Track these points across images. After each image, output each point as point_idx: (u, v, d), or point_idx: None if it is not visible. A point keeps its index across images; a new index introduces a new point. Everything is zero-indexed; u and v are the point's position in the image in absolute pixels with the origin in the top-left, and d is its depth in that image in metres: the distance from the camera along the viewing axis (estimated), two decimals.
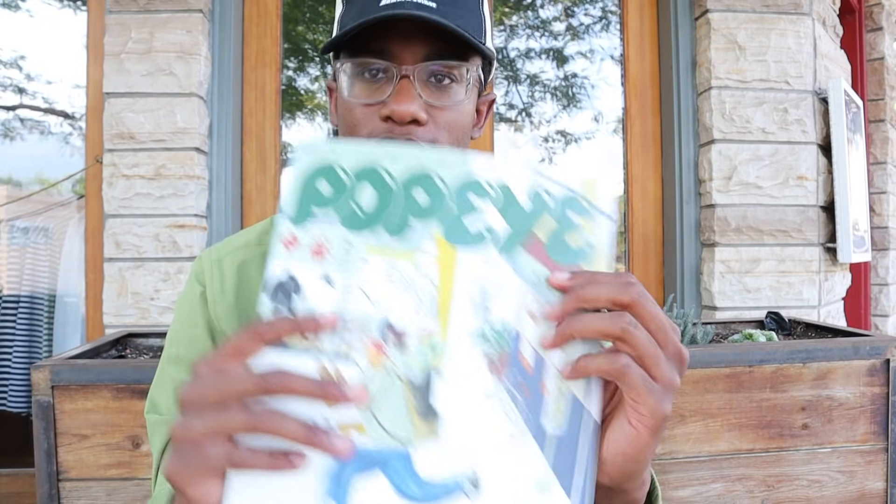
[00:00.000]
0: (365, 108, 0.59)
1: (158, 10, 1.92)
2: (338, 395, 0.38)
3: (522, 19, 2.53)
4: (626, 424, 0.42)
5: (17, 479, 2.05)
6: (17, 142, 2.39)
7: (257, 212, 2.14)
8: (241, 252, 0.69)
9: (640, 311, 0.41)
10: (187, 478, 0.39)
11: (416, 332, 0.41)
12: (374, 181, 0.43)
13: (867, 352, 1.42)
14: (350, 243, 0.42)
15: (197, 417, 0.39)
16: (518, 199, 0.43)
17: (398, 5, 0.55)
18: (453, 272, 0.42)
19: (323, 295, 0.41)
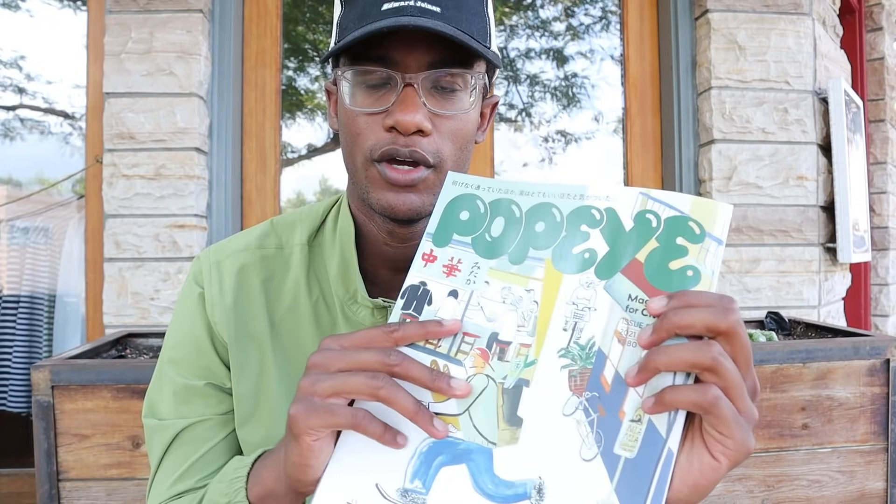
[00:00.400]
0: (368, 118, 0.57)
1: (158, 10, 1.92)
2: (446, 388, 0.44)
3: (522, 19, 2.53)
4: (707, 456, 0.40)
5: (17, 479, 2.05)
6: (17, 142, 2.39)
7: (257, 212, 2.14)
8: (240, 255, 0.69)
9: (734, 340, 0.40)
10: (311, 425, 0.44)
11: (515, 346, 0.45)
12: (504, 213, 0.49)
13: (867, 352, 1.42)
14: (478, 266, 0.48)
15: (327, 377, 0.45)
16: (622, 222, 0.45)
17: (401, 10, 0.54)
18: (556, 295, 0.45)
19: (448, 306, 0.48)
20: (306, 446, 0.45)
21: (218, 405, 0.67)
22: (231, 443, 0.69)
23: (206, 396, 0.67)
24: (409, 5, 0.54)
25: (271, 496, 0.53)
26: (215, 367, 0.67)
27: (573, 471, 0.41)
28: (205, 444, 0.67)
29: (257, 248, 0.69)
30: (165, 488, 0.66)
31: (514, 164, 2.56)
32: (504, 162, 2.51)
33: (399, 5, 0.54)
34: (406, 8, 0.54)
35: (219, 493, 0.57)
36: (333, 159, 2.50)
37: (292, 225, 0.71)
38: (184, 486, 0.65)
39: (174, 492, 0.65)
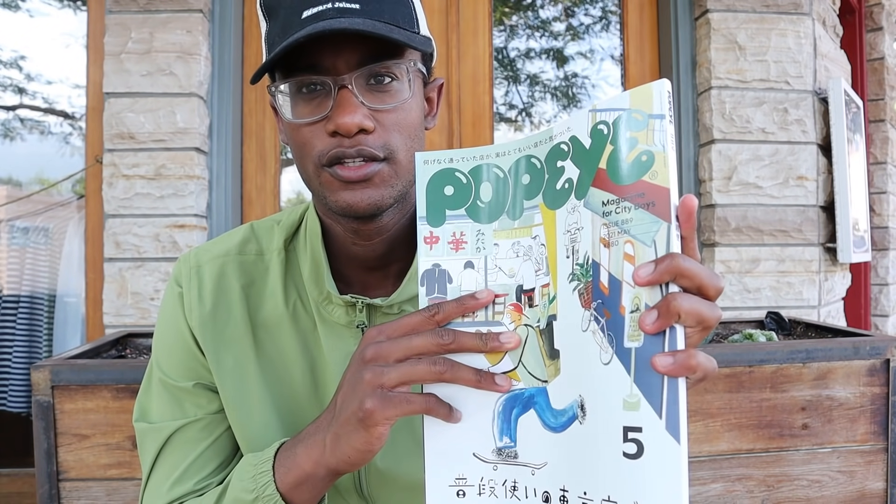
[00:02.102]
0: (310, 127, 0.57)
1: (158, 10, 1.92)
2: (499, 344, 0.47)
3: (522, 19, 2.53)
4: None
5: (17, 479, 2.05)
6: (17, 142, 2.39)
7: (257, 212, 2.14)
8: (220, 261, 0.69)
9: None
10: (388, 415, 0.47)
11: (539, 290, 0.49)
12: (489, 177, 0.52)
13: (867, 352, 1.42)
14: (482, 233, 0.51)
15: (391, 368, 0.47)
16: (583, 143, 0.47)
17: (320, 15, 0.53)
18: (554, 231, 0.49)
19: (469, 277, 0.51)
20: (377, 435, 0.48)
21: (209, 405, 0.68)
22: (226, 441, 0.69)
23: (196, 396, 0.68)
24: (328, 8, 0.54)
25: (308, 481, 0.55)
26: (201, 367, 0.68)
27: (599, 378, 0.43)
28: (200, 445, 0.67)
29: (238, 254, 0.69)
30: (164, 491, 0.66)
31: None
32: None
33: (318, 10, 0.54)
34: (325, 12, 0.54)
35: (243, 490, 0.57)
36: None
37: (271, 230, 0.71)
38: (183, 489, 0.65)
39: (173, 496, 0.65)
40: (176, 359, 0.68)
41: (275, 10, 0.57)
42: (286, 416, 0.66)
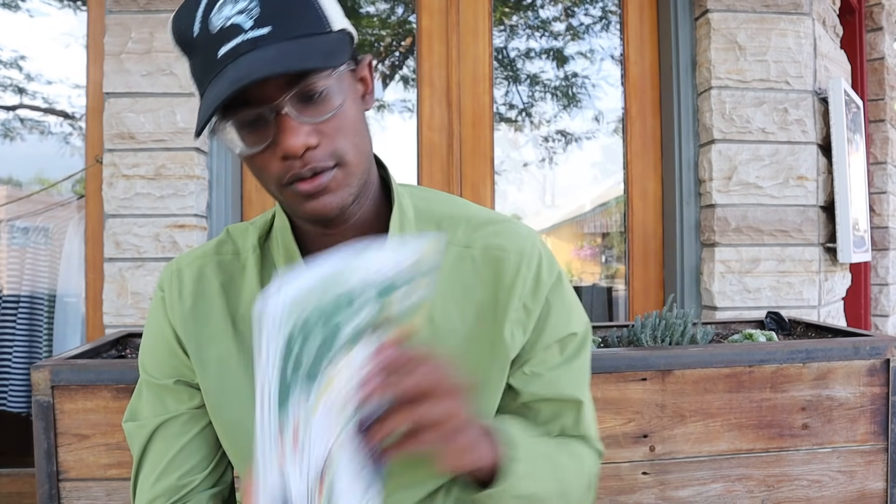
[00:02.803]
0: (262, 155, 0.58)
1: (158, 10, 1.92)
2: None
3: (522, 19, 2.53)
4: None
5: (17, 479, 2.05)
6: (17, 142, 2.39)
7: (257, 212, 2.14)
8: (199, 261, 0.72)
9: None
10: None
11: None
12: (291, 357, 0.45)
13: (867, 352, 1.42)
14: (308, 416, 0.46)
15: None
16: (360, 301, 0.46)
17: (236, 51, 0.53)
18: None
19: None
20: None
21: (190, 401, 0.71)
22: (207, 436, 0.72)
23: (177, 393, 0.70)
24: (242, 41, 0.53)
25: None
26: (182, 366, 0.70)
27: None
28: (182, 439, 0.70)
29: (215, 255, 0.72)
30: (148, 486, 0.69)
31: (514, 164, 2.56)
32: (504, 162, 2.51)
33: (232, 46, 0.54)
34: (240, 46, 0.53)
35: None
36: None
37: (245, 230, 0.74)
38: (167, 483, 0.68)
39: (157, 492, 0.68)
40: (158, 359, 0.71)
41: (190, 47, 0.57)
42: None
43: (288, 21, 0.55)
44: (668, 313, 1.55)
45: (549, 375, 0.72)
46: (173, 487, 0.68)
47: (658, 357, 1.36)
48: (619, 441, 1.35)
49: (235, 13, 0.54)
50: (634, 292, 2.28)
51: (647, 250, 2.27)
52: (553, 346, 0.72)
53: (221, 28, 0.54)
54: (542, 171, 2.61)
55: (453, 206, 0.74)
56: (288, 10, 0.55)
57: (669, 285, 2.22)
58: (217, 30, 0.54)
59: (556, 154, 2.58)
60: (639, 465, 1.36)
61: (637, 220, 2.27)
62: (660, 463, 1.37)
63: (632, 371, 1.35)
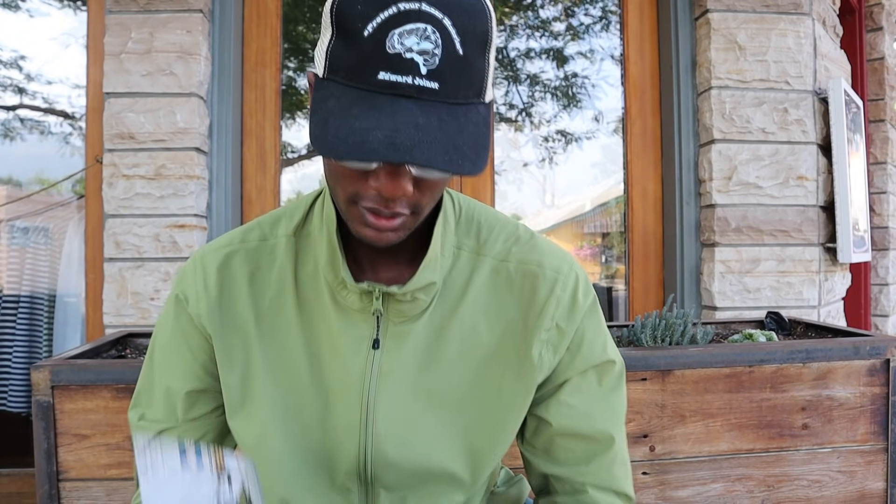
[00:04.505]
0: (355, 172, 0.56)
1: (158, 10, 1.92)
2: None
3: (522, 19, 2.52)
4: None
5: (17, 479, 2.05)
6: (17, 142, 2.38)
7: (257, 212, 2.14)
8: (224, 250, 0.71)
9: None
10: None
11: None
12: None
13: (867, 352, 1.42)
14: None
15: None
16: None
17: (397, 88, 0.50)
18: None
19: None
20: None
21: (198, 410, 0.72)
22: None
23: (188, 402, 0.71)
24: (408, 83, 0.50)
25: None
26: (199, 368, 0.70)
27: None
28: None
29: (241, 243, 0.71)
30: None
31: (514, 164, 2.56)
32: (504, 162, 2.51)
33: (398, 81, 0.50)
34: (405, 87, 0.50)
35: None
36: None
37: (277, 219, 0.73)
38: None
39: None
40: (174, 364, 0.71)
41: (347, 33, 0.52)
42: (287, 395, 0.68)
43: (456, 84, 0.52)
44: (668, 313, 1.55)
45: (585, 408, 0.70)
46: None
47: (658, 357, 1.36)
48: None
49: (417, 51, 0.50)
50: (634, 292, 2.28)
51: (647, 250, 2.27)
52: (590, 373, 0.70)
53: (397, 54, 0.50)
54: (542, 171, 2.61)
55: (492, 215, 0.73)
56: (461, 74, 0.52)
57: (669, 285, 2.22)
58: (392, 51, 0.50)
59: (556, 154, 2.58)
60: (639, 465, 1.36)
61: (637, 220, 2.27)
62: (660, 463, 1.37)
63: (632, 371, 1.35)
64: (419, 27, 0.50)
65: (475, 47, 0.53)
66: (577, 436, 0.70)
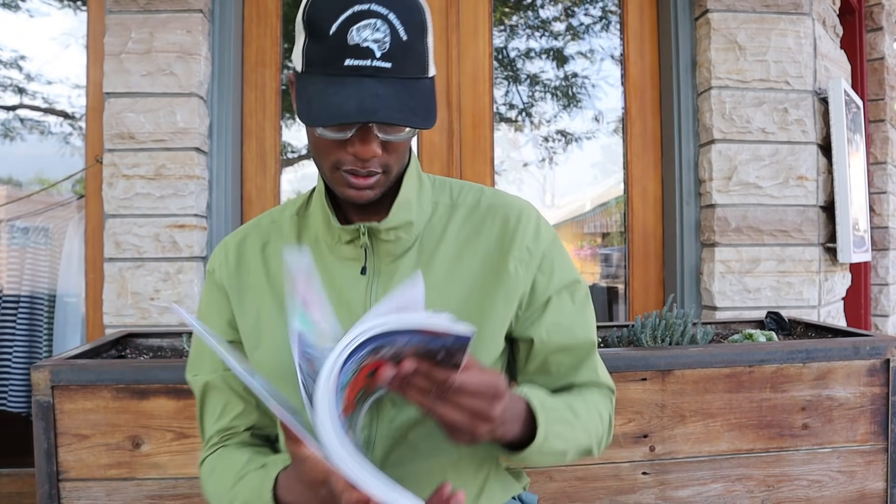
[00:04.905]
0: (333, 143, 0.71)
1: (158, 10, 1.92)
2: None
3: (522, 19, 2.53)
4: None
5: (18, 479, 2.05)
6: (17, 142, 2.39)
7: (257, 212, 2.14)
8: (240, 232, 0.89)
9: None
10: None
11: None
12: None
13: (867, 352, 1.42)
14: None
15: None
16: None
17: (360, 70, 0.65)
18: None
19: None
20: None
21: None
22: (248, 390, 0.85)
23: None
24: (367, 65, 0.65)
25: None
26: (227, 325, 0.85)
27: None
28: (228, 392, 0.85)
29: (255, 226, 0.89)
30: (210, 426, 0.87)
31: (514, 164, 2.56)
32: (504, 162, 2.51)
33: (359, 65, 0.65)
34: (365, 68, 0.65)
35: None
36: None
37: (284, 206, 0.90)
38: (221, 424, 0.86)
39: (214, 430, 0.86)
40: (210, 322, 0.86)
41: (317, 35, 0.67)
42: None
43: (404, 63, 0.67)
44: (668, 313, 1.55)
45: (567, 322, 0.83)
46: (225, 428, 0.85)
47: (658, 357, 1.36)
48: (619, 441, 1.35)
49: (371, 40, 0.65)
50: (634, 292, 2.28)
51: (647, 250, 2.27)
52: (564, 292, 0.84)
53: (356, 45, 0.65)
54: (542, 171, 2.61)
55: (461, 181, 0.90)
56: (406, 55, 0.67)
57: (669, 285, 2.22)
58: (352, 43, 0.65)
59: (556, 154, 2.58)
60: (639, 465, 1.36)
61: (637, 220, 2.27)
62: (660, 463, 1.37)
63: (632, 371, 1.35)
64: (371, 22, 0.65)
65: (416, 34, 0.68)
66: (565, 348, 0.83)
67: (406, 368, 0.59)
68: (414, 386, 0.61)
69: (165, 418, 1.26)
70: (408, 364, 0.59)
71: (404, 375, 0.59)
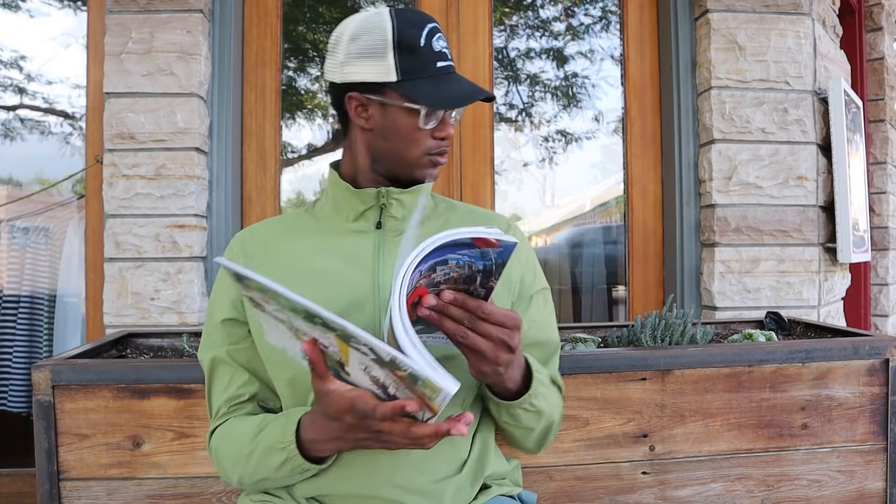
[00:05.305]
0: (423, 132, 0.89)
1: (158, 11, 1.92)
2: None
3: (522, 19, 2.53)
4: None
5: (18, 479, 2.05)
6: (17, 142, 2.39)
7: (257, 212, 2.14)
8: (251, 230, 1.00)
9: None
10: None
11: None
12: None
13: (867, 352, 1.42)
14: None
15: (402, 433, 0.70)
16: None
17: (449, 69, 0.89)
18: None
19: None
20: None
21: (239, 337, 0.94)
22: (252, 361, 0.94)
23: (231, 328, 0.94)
24: (448, 65, 0.88)
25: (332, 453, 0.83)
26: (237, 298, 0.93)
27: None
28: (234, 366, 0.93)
29: (264, 223, 1.01)
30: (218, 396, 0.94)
31: (514, 164, 2.56)
32: (504, 162, 2.52)
33: (446, 65, 0.88)
34: (448, 67, 0.89)
35: (275, 438, 0.83)
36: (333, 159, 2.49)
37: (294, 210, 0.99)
38: (228, 394, 0.93)
39: (222, 400, 0.93)
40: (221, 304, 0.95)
41: (410, 49, 0.86)
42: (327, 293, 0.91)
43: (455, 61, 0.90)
44: (667, 313, 1.55)
45: (542, 320, 0.98)
46: (232, 397, 0.93)
47: (658, 357, 1.36)
48: (619, 441, 1.35)
49: (444, 47, 0.89)
50: (634, 292, 2.28)
51: (647, 250, 2.28)
52: (541, 294, 0.99)
53: (440, 51, 0.88)
54: (542, 171, 2.62)
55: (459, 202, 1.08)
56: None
57: (669, 285, 2.22)
58: (438, 50, 0.87)
59: (556, 154, 2.59)
60: (638, 465, 1.36)
61: (637, 220, 2.27)
62: (660, 463, 1.37)
63: (632, 371, 1.35)
64: (440, 34, 0.89)
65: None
66: (539, 344, 0.96)
67: (446, 296, 0.69)
68: (449, 316, 0.70)
69: (166, 418, 1.26)
70: (447, 293, 0.70)
71: (445, 303, 0.69)
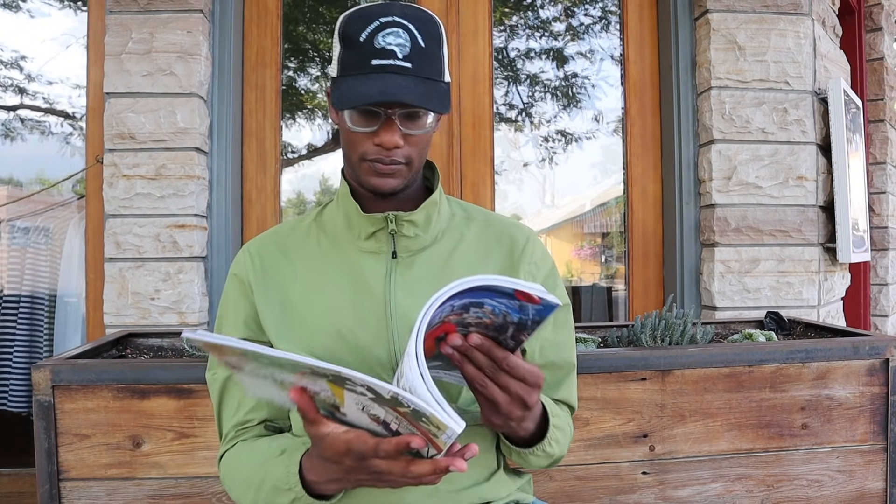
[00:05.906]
0: (361, 135, 0.81)
1: (159, 11, 1.92)
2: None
3: (522, 19, 2.53)
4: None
5: (18, 479, 2.05)
6: (17, 142, 2.39)
7: (257, 212, 2.14)
8: (262, 238, 0.95)
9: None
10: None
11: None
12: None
13: (867, 352, 1.42)
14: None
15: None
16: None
17: (385, 68, 0.76)
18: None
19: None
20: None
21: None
22: None
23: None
24: (391, 63, 0.76)
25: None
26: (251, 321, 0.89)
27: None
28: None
29: (273, 233, 0.96)
30: (227, 420, 0.90)
31: (514, 164, 2.56)
32: (504, 162, 2.52)
33: (384, 63, 0.76)
34: (389, 66, 0.76)
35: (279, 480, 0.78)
36: (333, 159, 2.50)
37: (301, 217, 0.97)
38: (237, 419, 0.89)
39: (231, 424, 0.89)
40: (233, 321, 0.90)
41: (350, 43, 0.79)
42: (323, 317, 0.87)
43: (422, 65, 0.78)
44: (667, 313, 1.55)
45: (557, 340, 0.91)
46: (240, 422, 0.89)
47: (658, 357, 1.37)
48: (619, 441, 1.35)
49: (395, 44, 0.77)
50: (634, 292, 2.28)
51: (647, 250, 2.28)
52: (560, 311, 0.89)
53: (382, 48, 0.77)
54: (542, 171, 2.62)
55: (477, 206, 1.00)
56: (425, 59, 0.78)
57: (669, 285, 2.22)
58: (378, 46, 0.77)
59: (556, 154, 2.59)
60: (639, 465, 1.36)
61: (637, 220, 2.27)
62: (660, 463, 1.37)
63: (632, 371, 1.35)
64: (394, 30, 0.77)
65: (433, 42, 0.80)
66: (552, 365, 0.90)
67: (474, 340, 0.65)
68: (472, 360, 0.66)
69: (166, 418, 1.26)
70: (475, 337, 0.65)
71: (471, 346, 0.65)
